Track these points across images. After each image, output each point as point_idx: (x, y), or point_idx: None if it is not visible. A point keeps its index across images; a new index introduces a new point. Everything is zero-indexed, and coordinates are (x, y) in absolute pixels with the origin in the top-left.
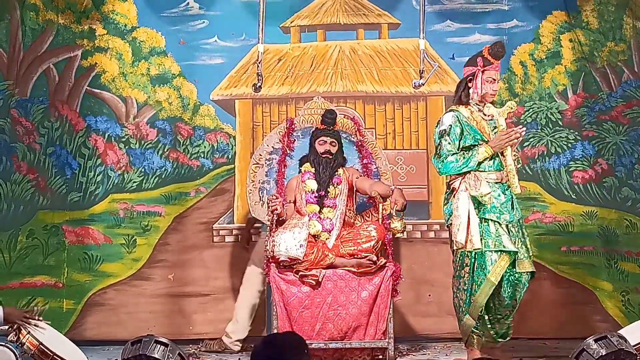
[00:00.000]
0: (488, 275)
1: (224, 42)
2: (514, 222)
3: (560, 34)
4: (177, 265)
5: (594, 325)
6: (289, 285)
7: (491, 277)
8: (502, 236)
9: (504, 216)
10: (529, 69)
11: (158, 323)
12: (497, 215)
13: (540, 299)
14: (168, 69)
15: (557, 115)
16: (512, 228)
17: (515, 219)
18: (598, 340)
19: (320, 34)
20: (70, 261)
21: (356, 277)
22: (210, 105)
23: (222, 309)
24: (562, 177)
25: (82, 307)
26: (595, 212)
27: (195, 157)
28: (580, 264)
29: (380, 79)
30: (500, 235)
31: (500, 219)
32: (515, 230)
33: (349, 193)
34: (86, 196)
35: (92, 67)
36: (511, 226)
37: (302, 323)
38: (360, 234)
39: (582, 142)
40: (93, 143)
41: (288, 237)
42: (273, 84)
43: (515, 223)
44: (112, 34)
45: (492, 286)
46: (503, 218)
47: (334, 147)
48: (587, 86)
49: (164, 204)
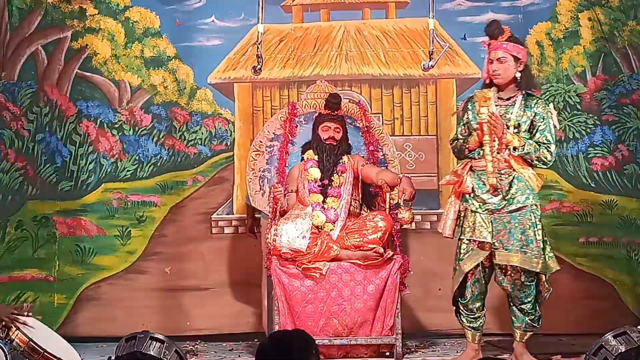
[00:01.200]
0: (461, 263)
1: (222, 22)
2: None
3: (578, 12)
4: (173, 258)
5: (613, 320)
6: (292, 278)
7: (463, 265)
8: (479, 225)
9: (486, 205)
10: (545, 50)
11: (154, 319)
12: (478, 205)
13: (556, 293)
14: (163, 51)
15: (575, 98)
16: (499, 217)
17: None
18: (617, 336)
19: (324, 13)
20: (62, 254)
21: (362, 270)
22: (207, 89)
23: (221, 303)
24: (580, 164)
25: (74, 302)
26: (616, 201)
27: (192, 144)
28: (599, 256)
29: (387, 61)
30: (476, 224)
31: (482, 208)
32: (506, 221)
33: (354, 182)
34: (78, 185)
35: (83, 49)
36: (497, 215)
37: (305, 318)
38: (367, 224)
39: (602, 127)
40: (84, 129)
41: (290, 228)
42: (274, 67)
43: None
44: (104, 14)
45: (462, 274)
46: (484, 207)
47: (338, 133)
48: (607, 68)
49: (159, 193)
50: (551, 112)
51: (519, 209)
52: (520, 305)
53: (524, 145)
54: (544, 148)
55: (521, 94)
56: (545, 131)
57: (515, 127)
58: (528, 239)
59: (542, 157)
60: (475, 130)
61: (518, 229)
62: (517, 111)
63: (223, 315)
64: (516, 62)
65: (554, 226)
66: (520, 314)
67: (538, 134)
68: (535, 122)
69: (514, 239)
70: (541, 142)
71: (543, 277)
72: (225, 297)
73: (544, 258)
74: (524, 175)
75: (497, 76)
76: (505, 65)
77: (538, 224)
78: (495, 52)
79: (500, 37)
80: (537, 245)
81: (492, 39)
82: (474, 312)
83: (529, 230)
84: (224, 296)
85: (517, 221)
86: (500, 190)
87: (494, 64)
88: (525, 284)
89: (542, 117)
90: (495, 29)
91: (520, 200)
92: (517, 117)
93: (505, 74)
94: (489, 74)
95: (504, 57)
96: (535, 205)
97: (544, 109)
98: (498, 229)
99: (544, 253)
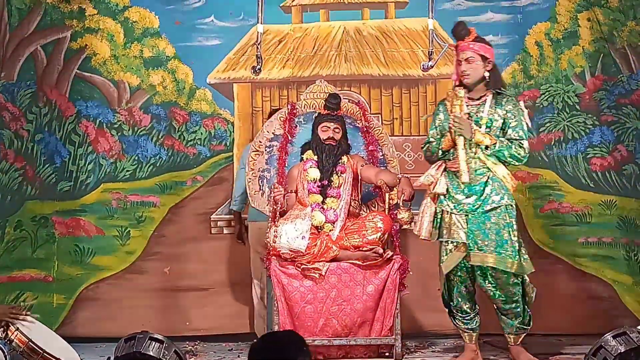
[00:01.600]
0: (442, 265)
1: (221, 22)
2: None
3: (577, 13)
4: (173, 258)
5: (613, 320)
6: (291, 279)
7: (443, 267)
8: (454, 226)
9: (461, 206)
10: (544, 50)
11: (153, 319)
12: (453, 206)
13: (555, 293)
14: (162, 51)
15: (575, 98)
16: (474, 218)
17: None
18: (617, 337)
19: (323, 13)
20: (61, 254)
21: (361, 270)
22: (207, 89)
23: (220, 304)
24: (579, 165)
25: (73, 302)
26: (615, 202)
27: (192, 144)
28: (599, 256)
29: (386, 61)
30: (452, 225)
31: (457, 209)
32: (480, 222)
33: (354, 182)
34: (77, 186)
35: (82, 49)
36: (472, 216)
37: (304, 319)
38: (366, 225)
39: (601, 127)
40: (84, 129)
41: (290, 228)
42: (273, 67)
43: (479, 212)
44: (103, 14)
45: (443, 275)
46: (459, 208)
47: (338, 134)
48: (606, 68)
49: (158, 193)
50: (522, 110)
51: (494, 209)
52: (507, 310)
53: (496, 143)
54: (516, 145)
55: (491, 92)
56: (517, 127)
57: (487, 126)
58: (502, 239)
59: (515, 154)
60: (448, 130)
61: (493, 229)
62: (488, 110)
63: (222, 316)
64: (484, 61)
65: (552, 226)
66: (507, 319)
67: (510, 131)
68: (506, 119)
69: (489, 240)
70: (513, 139)
71: (527, 279)
72: (225, 297)
73: (519, 259)
74: (499, 174)
75: (466, 76)
76: (474, 65)
77: (513, 224)
78: (463, 53)
79: (467, 37)
80: (511, 245)
81: (459, 40)
82: (467, 313)
83: (503, 230)
84: (223, 296)
85: (492, 222)
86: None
87: (462, 64)
88: (510, 284)
89: (513, 114)
90: (461, 30)
91: (495, 200)
92: (489, 116)
93: (474, 74)
94: (459, 75)
95: (472, 57)
96: (510, 206)
97: (515, 106)
98: (473, 230)
99: (519, 254)
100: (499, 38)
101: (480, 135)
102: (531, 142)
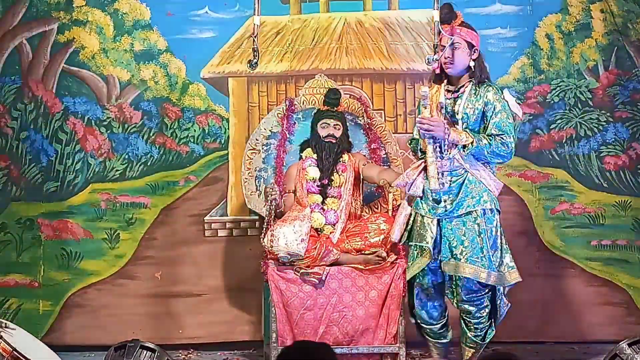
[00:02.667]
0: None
1: (215, 14)
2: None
3: (590, 4)
4: (165, 262)
5: (628, 327)
6: (289, 284)
7: (407, 272)
8: (421, 230)
9: (435, 210)
10: (555, 43)
11: (144, 326)
12: (427, 210)
13: (567, 299)
14: (154, 44)
15: (587, 94)
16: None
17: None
18: (632, 345)
19: (323, 4)
20: (47, 258)
21: (364, 275)
22: (200, 84)
23: (215, 310)
24: (592, 163)
25: (60, 308)
26: (629, 202)
27: (185, 142)
28: (613, 259)
29: (389, 54)
30: (421, 229)
31: (430, 212)
32: (455, 227)
33: (355, 182)
34: (64, 186)
35: (70, 43)
36: (445, 221)
37: (303, 326)
38: (368, 227)
39: (615, 124)
40: (71, 127)
41: (288, 231)
42: (270, 60)
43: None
44: (92, 6)
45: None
46: (433, 212)
47: (338, 131)
48: (621, 62)
49: (150, 194)
50: (507, 99)
51: (469, 214)
52: (470, 320)
53: (473, 141)
54: (497, 141)
55: (471, 82)
56: (499, 121)
57: (464, 121)
58: (478, 247)
59: (497, 151)
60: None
61: (468, 236)
62: (464, 102)
63: (217, 323)
64: (470, 49)
65: (564, 228)
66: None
67: (490, 125)
68: (486, 111)
69: (463, 247)
70: (493, 134)
71: (501, 290)
72: (220, 303)
73: (501, 269)
74: (478, 176)
75: (449, 65)
76: (459, 52)
77: (493, 230)
78: (448, 39)
79: (453, 21)
80: (487, 254)
81: (444, 24)
82: (430, 324)
83: (478, 237)
84: (218, 302)
85: (467, 228)
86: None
87: (446, 50)
88: (476, 296)
89: (493, 105)
90: (447, 13)
91: (470, 204)
92: (464, 110)
93: (459, 62)
94: (440, 62)
95: (458, 42)
96: (490, 210)
97: (495, 95)
98: (446, 236)
99: (502, 263)
100: (507, 31)
101: (456, 135)
102: (541, 139)
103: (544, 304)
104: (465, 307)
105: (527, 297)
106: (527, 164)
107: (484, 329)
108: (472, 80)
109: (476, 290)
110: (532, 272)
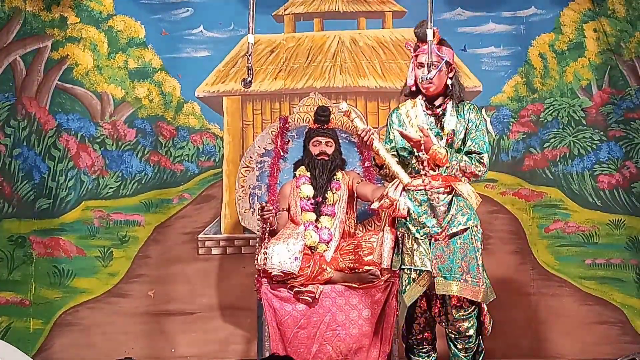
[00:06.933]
0: (404, 296)
1: (210, 33)
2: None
3: (583, 23)
4: (158, 281)
5: (622, 346)
6: (283, 302)
7: (405, 297)
8: (416, 252)
9: (425, 229)
10: (549, 62)
11: (137, 345)
12: (416, 230)
13: (562, 318)
14: (148, 62)
15: (581, 113)
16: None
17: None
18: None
19: (317, 22)
20: (39, 276)
21: (357, 293)
22: (195, 102)
23: (208, 329)
24: (586, 182)
25: (51, 327)
26: (623, 221)
27: (179, 161)
28: (607, 278)
29: (383, 72)
30: (414, 250)
31: (420, 232)
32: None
33: (349, 200)
34: (56, 203)
35: (64, 60)
36: (436, 240)
37: (297, 345)
38: (362, 245)
39: (608, 143)
40: (64, 144)
41: (281, 249)
42: (265, 79)
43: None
44: (86, 23)
45: (406, 309)
46: (422, 232)
47: (330, 147)
48: (614, 81)
49: (143, 212)
50: (484, 119)
51: (460, 232)
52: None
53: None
54: (475, 161)
55: (452, 100)
56: (478, 139)
57: (450, 136)
58: (470, 265)
59: (475, 171)
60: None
61: (458, 254)
62: (448, 119)
63: (210, 341)
64: (447, 67)
65: (558, 247)
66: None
67: (470, 142)
68: (468, 129)
69: (455, 266)
70: (473, 152)
71: (485, 308)
72: (213, 321)
73: (485, 287)
74: (463, 192)
75: (431, 84)
76: (439, 72)
77: (479, 248)
78: (426, 56)
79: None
80: (478, 271)
81: (422, 42)
82: (422, 345)
83: (469, 255)
84: (211, 321)
85: (457, 246)
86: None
87: (424, 68)
88: (465, 314)
89: (475, 124)
90: (425, 30)
91: (462, 222)
92: (451, 126)
93: (439, 81)
94: (416, 81)
95: (437, 62)
96: (476, 227)
97: (477, 114)
98: (437, 255)
99: (484, 281)
100: (501, 50)
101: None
102: (535, 158)
103: (538, 323)
104: (457, 326)
105: (522, 316)
106: (521, 182)
107: (472, 349)
108: (450, 97)
109: (465, 308)
110: (527, 291)
